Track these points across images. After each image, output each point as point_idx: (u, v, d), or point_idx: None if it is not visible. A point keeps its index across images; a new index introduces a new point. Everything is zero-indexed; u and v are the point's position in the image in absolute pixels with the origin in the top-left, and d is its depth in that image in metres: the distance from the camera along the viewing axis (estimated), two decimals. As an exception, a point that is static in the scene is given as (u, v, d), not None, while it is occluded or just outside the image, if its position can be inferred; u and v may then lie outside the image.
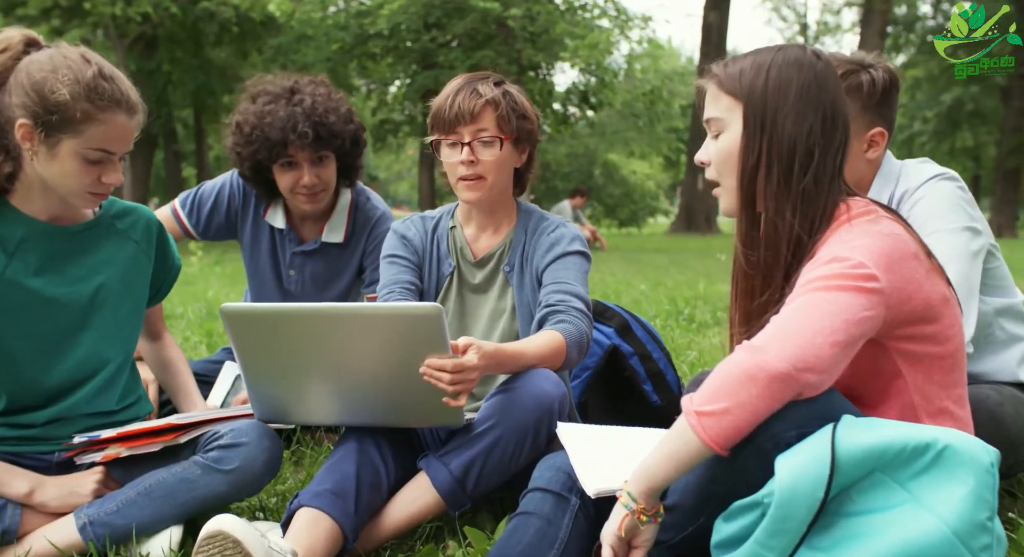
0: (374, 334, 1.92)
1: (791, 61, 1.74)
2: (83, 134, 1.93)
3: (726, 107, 1.78)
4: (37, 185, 2.01)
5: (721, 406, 1.50)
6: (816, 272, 1.60)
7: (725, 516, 1.60)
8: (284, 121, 2.71)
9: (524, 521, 1.82)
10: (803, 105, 1.71)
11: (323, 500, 1.96)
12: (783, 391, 1.49)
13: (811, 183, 1.71)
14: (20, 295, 2.03)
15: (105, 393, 2.16)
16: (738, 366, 1.51)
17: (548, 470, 1.91)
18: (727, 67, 1.81)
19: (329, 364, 1.99)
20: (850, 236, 1.65)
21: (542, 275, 2.37)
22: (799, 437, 1.52)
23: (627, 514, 1.61)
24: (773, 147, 1.72)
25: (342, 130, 2.78)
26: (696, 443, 1.53)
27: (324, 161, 2.81)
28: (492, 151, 2.30)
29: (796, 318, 1.54)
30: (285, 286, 3.03)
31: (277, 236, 3.01)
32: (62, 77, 1.92)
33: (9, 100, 1.94)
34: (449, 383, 1.90)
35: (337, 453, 2.09)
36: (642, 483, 1.61)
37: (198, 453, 2.05)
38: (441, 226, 2.52)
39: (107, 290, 2.14)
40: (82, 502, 2.03)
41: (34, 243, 2.05)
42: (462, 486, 2.07)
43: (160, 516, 2.00)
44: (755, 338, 1.55)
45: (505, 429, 2.06)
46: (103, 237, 2.16)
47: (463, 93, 2.30)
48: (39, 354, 2.07)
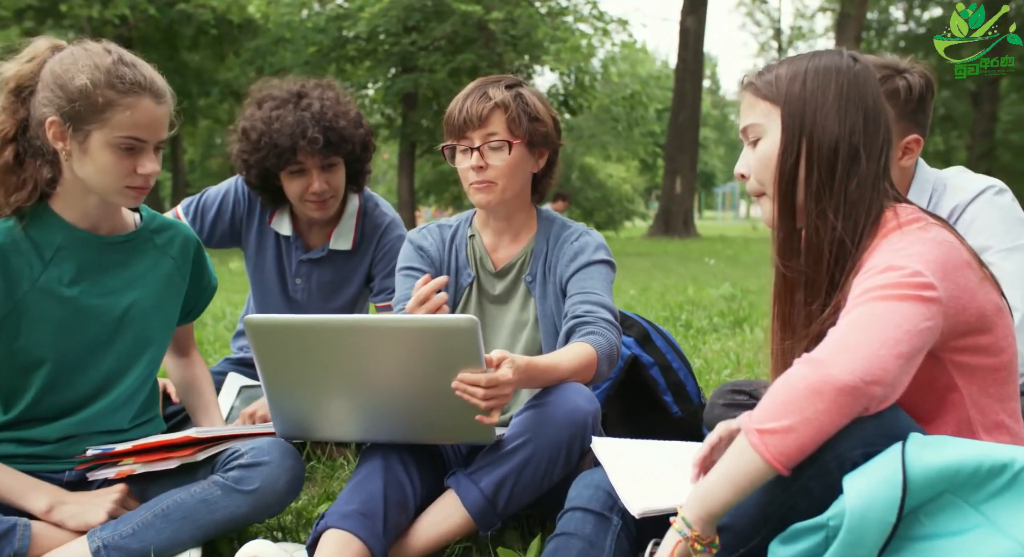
0: (405, 347, 1.85)
1: (828, 64, 1.71)
2: (109, 122, 1.89)
3: (763, 112, 1.74)
4: (76, 190, 1.97)
5: (785, 423, 1.42)
6: (872, 282, 1.54)
7: (782, 539, 1.53)
8: (293, 127, 2.63)
9: (566, 542, 1.76)
10: (844, 104, 1.67)
11: (352, 522, 1.89)
12: (850, 405, 1.42)
13: (855, 185, 1.66)
14: (52, 304, 1.97)
15: (120, 410, 2.09)
16: (802, 381, 1.43)
17: (587, 488, 1.84)
18: (763, 74, 1.78)
19: (357, 378, 1.91)
20: (902, 244, 1.59)
21: (567, 285, 2.30)
22: (865, 457, 1.45)
23: (680, 541, 1.53)
24: (814, 148, 1.67)
25: (352, 135, 2.71)
26: (758, 463, 1.45)
27: (334, 167, 2.73)
28: (502, 155, 2.23)
29: (857, 330, 1.47)
30: (291, 294, 2.95)
31: (283, 243, 2.93)
32: (81, 66, 1.89)
33: (37, 104, 1.92)
34: (482, 398, 1.83)
35: (361, 471, 2.01)
36: (698, 508, 1.52)
37: (217, 472, 1.97)
38: (459, 235, 2.45)
39: (139, 306, 2.07)
40: (96, 521, 1.94)
41: (71, 251, 2.00)
42: (493, 505, 2.00)
43: (178, 539, 1.91)
44: (815, 352, 1.48)
45: (538, 446, 1.99)
46: (141, 251, 2.10)
47: (472, 97, 2.25)
48: (63, 365, 2.00)
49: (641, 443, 2.05)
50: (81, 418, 2.03)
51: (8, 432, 2.01)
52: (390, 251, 2.91)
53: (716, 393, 2.55)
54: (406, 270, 2.40)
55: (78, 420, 2.03)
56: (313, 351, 1.88)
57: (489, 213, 2.37)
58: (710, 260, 13.44)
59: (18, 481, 1.95)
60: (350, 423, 2.03)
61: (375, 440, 2.06)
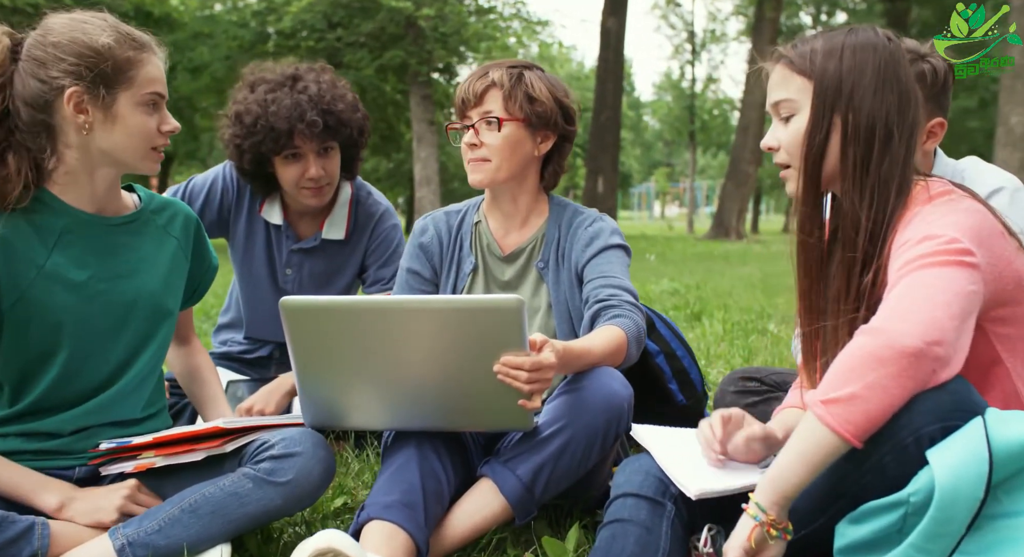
0: (447, 329, 1.79)
1: (866, 41, 1.71)
2: (136, 80, 1.85)
3: (798, 88, 1.74)
4: (84, 169, 1.88)
5: (848, 391, 1.41)
6: (912, 252, 1.55)
7: (853, 518, 1.52)
8: (290, 110, 2.55)
9: (622, 529, 1.72)
10: (881, 84, 1.68)
11: (396, 513, 1.83)
12: (915, 368, 1.41)
13: (888, 165, 1.68)
14: (61, 290, 1.87)
15: (131, 397, 2.00)
16: (861, 348, 1.43)
17: (636, 474, 1.81)
18: (797, 47, 1.77)
19: (395, 362, 1.85)
20: (935, 215, 1.61)
21: (583, 270, 2.28)
22: (944, 432, 1.44)
23: (756, 526, 1.51)
24: (850, 126, 1.68)
25: (350, 119, 2.64)
26: (827, 436, 1.43)
27: (330, 152, 2.66)
28: (496, 133, 2.21)
29: (907, 297, 1.48)
30: (280, 285, 2.86)
31: (273, 233, 2.84)
32: (93, 28, 1.82)
33: (40, 79, 1.80)
34: (526, 382, 1.79)
35: (396, 460, 1.96)
36: (772, 492, 1.50)
37: (245, 464, 1.89)
38: (466, 221, 2.40)
39: (148, 289, 1.99)
40: (108, 518, 1.85)
41: (76, 235, 1.91)
42: (531, 493, 1.96)
43: (208, 534, 1.83)
44: (871, 321, 1.48)
45: (575, 432, 1.96)
46: (144, 232, 2.01)
47: (473, 77, 2.26)
48: (75, 353, 1.91)
49: (678, 430, 2.03)
50: (92, 407, 1.94)
51: (14, 425, 1.91)
52: (384, 241, 2.85)
53: (726, 380, 2.56)
54: (407, 272, 2.38)
55: (89, 409, 1.94)
56: (351, 334, 1.83)
57: (494, 196, 2.34)
58: (651, 256, 13.58)
59: (27, 478, 1.85)
60: (384, 410, 1.97)
61: (408, 428, 2.00)
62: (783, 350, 4.39)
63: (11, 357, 1.87)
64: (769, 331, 5.13)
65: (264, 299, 2.88)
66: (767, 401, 2.45)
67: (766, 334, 5.03)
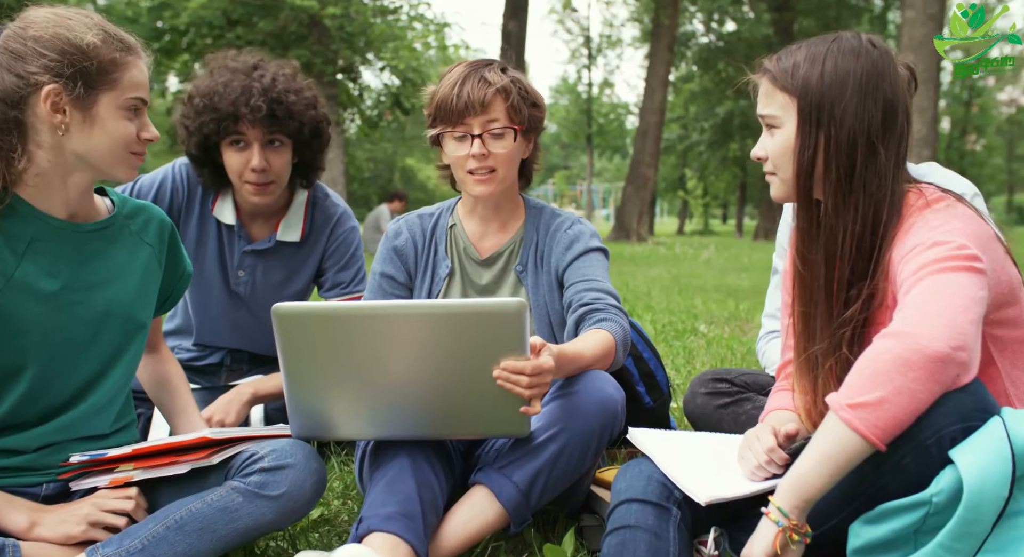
0: (447, 334, 1.75)
1: (846, 51, 1.72)
2: (119, 83, 1.76)
3: (780, 105, 1.76)
4: (57, 173, 1.77)
5: (876, 395, 1.42)
6: (924, 257, 1.57)
7: (868, 518, 1.53)
8: (237, 93, 2.46)
9: (631, 535, 1.70)
10: (862, 97, 1.69)
11: (396, 524, 1.78)
12: (942, 372, 1.42)
13: (873, 177, 1.70)
14: (31, 301, 1.75)
15: (102, 413, 1.89)
16: (887, 352, 1.43)
17: (638, 480, 1.79)
18: (780, 61, 1.79)
19: (390, 369, 1.80)
20: (938, 221, 1.64)
21: (563, 274, 2.26)
22: (964, 432, 1.46)
23: (779, 531, 1.51)
24: (832, 143, 1.70)
25: (301, 113, 2.54)
26: (853, 440, 1.43)
27: (277, 147, 2.55)
28: (503, 143, 2.17)
29: (929, 301, 1.49)
30: (232, 288, 2.75)
31: (225, 233, 2.72)
32: (78, 25, 1.72)
33: (16, 74, 1.69)
34: (526, 387, 1.76)
35: (388, 470, 1.90)
36: (793, 496, 1.50)
37: (233, 478, 1.81)
38: (440, 225, 2.36)
39: (120, 300, 1.88)
40: (75, 530, 1.73)
41: (46, 243, 1.79)
42: (527, 499, 1.93)
43: (195, 552, 1.74)
44: (891, 326, 1.49)
45: (571, 437, 1.94)
46: (117, 239, 1.90)
47: (471, 82, 2.15)
48: (44, 368, 1.79)
49: (671, 434, 2.03)
50: (61, 424, 1.83)
51: None
52: (343, 243, 2.77)
53: (696, 382, 2.57)
54: (381, 276, 2.32)
55: (57, 426, 1.82)
56: (345, 341, 1.76)
57: (478, 201, 2.29)
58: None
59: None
60: (375, 419, 1.90)
61: (399, 437, 1.94)
62: (721, 351, 4.46)
63: None
64: (700, 332, 5.21)
65: (215, 303, 2.76)
66: (738, 402, 2.47)
67: (697, 335, 5.10)
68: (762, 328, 2.68)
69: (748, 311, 6.43)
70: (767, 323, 2.65)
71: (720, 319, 5.84)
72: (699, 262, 14.02)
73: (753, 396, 2.48)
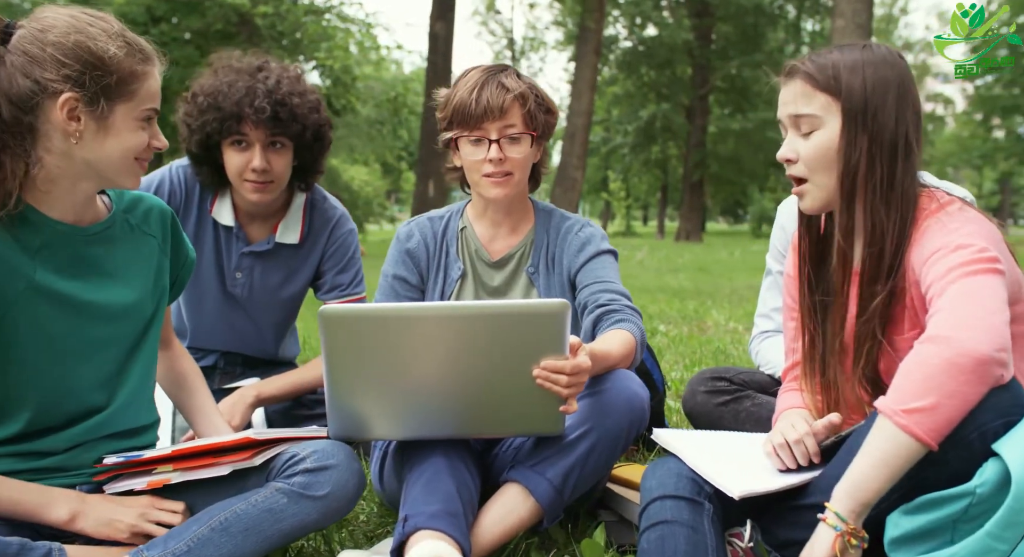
0: (490, 334, 1.78)
1: (880, 59, 1.80)
2: (137, 95, 1.73)
3: (821, 105, 1.80)
4: (66, 180, 1.74)
5: (931, 401, 1.49)
6: (950, 260, 1.64)
7: (907, 510, 1.59)
8: (242, 93, 2.46)
9: (670, 530, 1.74)
10: (900, 102, 1.77)
11: (443, 522, 1.81)
12: (988, 374, 1.50)
13: (909, 178, 1.78)
14: (49, 305, 1.74)
15: (127, 411, 1.88)
16: (936, 357, 1.50)
17: (669, 477, 1.83)
18: (815, 62, 1.83)
19: (432, 369, 1.82)
20: (955, 224, 1.72)
21: (576, 275, 2.30)
22: (1006, 426, 1.54)
23: (838, 536, 1.56)
24: (875, 146, 1.76)
25: (304, 116, 2.54)
26: (910, 444, 1.51)
27: (279, 148, 2.54)
28: (520, 148, 2.21)
29: (966, 305, 1.56)
30: (229, 290, 2.72)
31: (223, 234, 2.70)
32: (100, 34, 1.69)
33: (33, 79, 1.65)
34: (565, 386, 1.80)
35: (425, 469, 1.92)
36: (851, 500, 1.56)
37: (275, 479, 1.81)
38: (450, 227, 2.38)
39: (132, 296, 1.87)
40: (120, 535, 1.73)
41: (55, 249, 1.76)
42: (561, 496, 1.97)
43: (240, 553, 1.74)
44: (932, 329, 1.55)
45: (601, 434, 1.99)
46: (121, 236, 1.88)
47: (489, 87, 2.19)
48: (65, 371, 1.77)
49: (695, 433, 2.09)
50: (88, 426, 1.82)
51: (7, 446, 1.76)
52: (342, 246, 2.77)
53: (695, 380, 2.64)
54: (393, 278, 2.34)
55: (86, 428, 1.81)
56: (390, 342, 1.78)
57: (490, 204, 2.33)
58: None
59: (31, 493, 1.72)
60: (413, 419, 1.92)
61: (432, 436, 1.96)
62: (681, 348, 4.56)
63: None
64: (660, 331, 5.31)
65: (210, 305, 2.73)
66: (737, 399, 2.55)
67: (659, 335, 5.20)
68: (755, 328, 2.76)
69: (697, 310, 6.58)
70: (760, 323, 2.74)
71: (676, 319, 5.96)
72: (633, 263, 14.21)
73: (752, 393, 2.56)
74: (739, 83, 32.21)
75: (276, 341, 2.89)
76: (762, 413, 2.49)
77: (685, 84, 32.85)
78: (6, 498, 1.70)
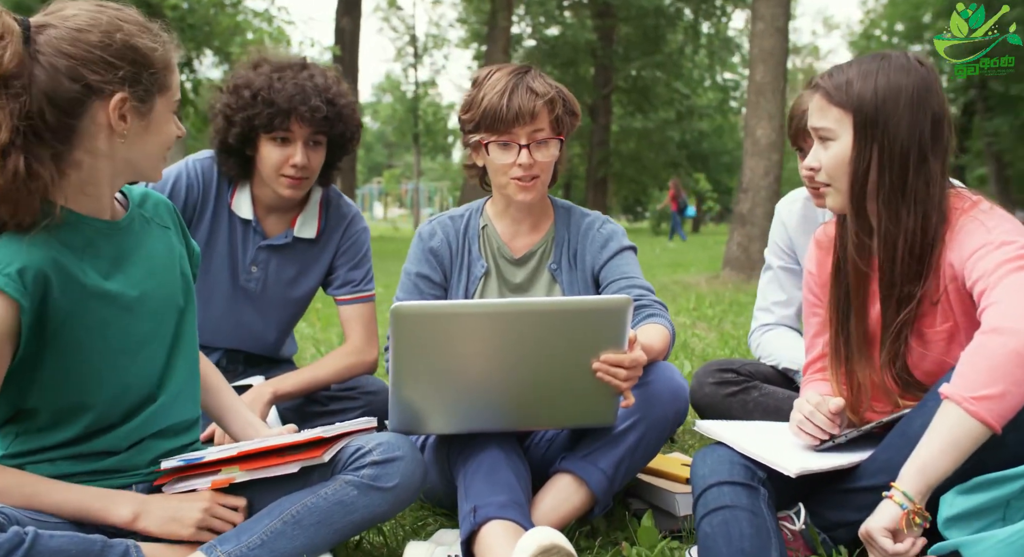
0: (555, 330, 1.82)
1: (896, 68, 1.87)
2: (171, 87, 1.73)
3: (835, 119, 1.89)
4: (102, 178, 1.71)
5: (1000, 389, 1.58)
6: (999, 255, 1.74)
7: (963, 490, 1.68)
8: (295, 90, 2.47)
9: (732, 514, 1.79)
10: (914, 110, 1.85)
11: (513, 512, 1.86)
12: None
13: (923, 184, 1.86)
14: (102, 306, 1.72)
15: (178, 402, 1.88)
16: (1003, 348, 1.60)
17: (721, 464, 1.89)
18: (833, 77, 1.92)
19: (495, 364, 1.86)
20: (993, 222, 1.82)
21: (600, 272, 2.36)
22: None
23: (904, 514, 1.64)
24: (885, 154, 1.85)
25: (349, 117, 2.59)
26: (978, 428, 1.60)
27: (318, 146, 2.58)
28: (548, 152, 2.25)
29: (1020, 296, 1.66)
30: (242, 284, 2.70)
31: (239, 228, 2.68)
32: (135, 31, 1.67)
33: (77, 80, 1.60)
34: (624, 379, 1.86)
35: (483, 461, 1.96)
36: (919, 482, 1.64)
37: (342, 472, 1.83)
38: (472, 226, 2.42)
39: (166, 288, 1.86)
40: (184, 532, 1.73)
41: (97, 247, 1.74)
42: (612, 485, 2.04)
43: (313, 545, 1.77)
44: (992, 320, 1.65)
45: (649, 425, 2.05)
46: (144, 230, 1.87)
47: (519, 92, 2.21)
48: (122, 369, 1.76)
49: (735, 424, 2.16)
50: (143, 420, 1.81)
51: (64, 450, 1.74)
52: (356, 243, 2.78)
53: (702, 372, 2.73)
54: (416, 276, 2.36)
55: (141, 422, 1.80)
56: (458, 338, 1.82)
57: (512, 203, 2.36)
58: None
59: (92, 495, 1.72)
60: (470, 413, 1.96)
61: (484, 429, 2.00)
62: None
63: (56, 383, 1.69)
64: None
65: (220, 300, 2.70)
66: (745, 390, 2.64)
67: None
68: (755, 321, 2.87)
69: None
70: (760, 316, 2.84)
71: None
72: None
73: (759, 384, 2.66)
74: (640, 84, 32.74)
75: (280, 339, 2.87)
76: (769, 403, 2.59)
77: (588, 84, 33.24)
78: (74, 500, 1.69)
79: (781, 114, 9.63)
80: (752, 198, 9.63)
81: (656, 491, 2.25)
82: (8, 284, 1.56)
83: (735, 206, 10.15)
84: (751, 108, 9.72)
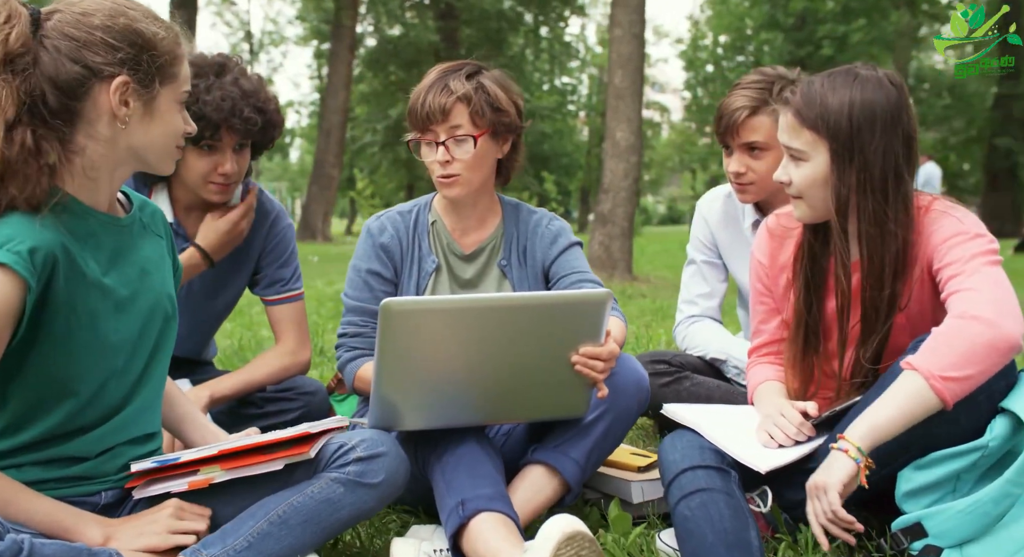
0: (540, 323, 1.86)
1: (869, 91, 1.91)
2: (178, 77, 1.71)
3: (808, 142, 1.94)
4: (107, 166, 1.67)
5: (967, 373, 1.72)
6: (972, 247, 1.86)
7: (919, 465, 1.82)
8: (223, 100, 2.34)
9: (710, 497, 1.85)
10: (889, 135, 1.91)
11: (500, 503, 1.88)
12: (1012, 355, 1.76)
13: (902, 203, 1.95)
14: (101, 299, 1.67)
15: (148, 412, 1.82)
16: (981, 336, 1.72)
17: (691, 449, 1.95)
18: (803, 97, 1.95)
19: (477, 358, 1.88)
20: (960, 213, 1.94)
21: (550, 267, 2.39)
22: (1007, 387, 1.81)
23: (857, 466, 1.74)
24: (864, 178, 1.91)
25: (278, 121, 2.49)
26: (935, 404, 1.72)
27: (244, 148, 2.47)
28: (467, 149, 2.25)
29: (999, 292, 1.79)
30: None
31: None
32: (140, 17, 1.65)
33: (81, 63, 1.58)
34: (600, 372, 1.91)
35: (463, 455, 1.97)
36: (870, 438, 1.74)
37: (326, 469, 1.80)
38: (420, 221, 2.41)
39: (156, 294, 1.81)
40: (157, 540, 1.67)
41: (97, 239, 1.70)
42: (584, 474, 2.08)
43: (301, 545, 1.74)
44: (970, 307, 1.76)
45: (615, 416, 2.10)
46: (141, 233, 1.83)
47: (434, 90, 2.23)
48: (106, 367, 1.70)
49: (703, 407, 2.23)
50: (115, 425, 1.74)
51: (32, 454, 1.65)
52: (282, 241, 2.70)
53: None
54: (368, 273, 2.34)
55: (113, 427, 1.73)
56: (444, 334, 1.82)
57: (455, 199, 2.36)
58: (314, 258, 13.35)
59: (63, 511, 1.64)
60: (447, 408, 1.96)
61: (461, 424, 2.00)
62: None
63: (39, 373, 1.61)
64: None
65: (143, 304, 2.57)
66: (678, 380, 2.72)
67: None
68: (680, 313, 2.96)
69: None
70: (685, 308, 2.94)
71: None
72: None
73: (689, 374, 2.75)
74: (484, 86, 33.04)
75: (205, 341, 2.77)
76: (700, 392, 2.68)
77: (432, 85, 33.23)
78: (44, 512, 1.61)
79: (639, 117, 9.96)
80: (613, 198, 9.89)
81: (610, 480, 2.30)
82: (18, 262, 1.50)
83: (596, 207, 10.40)
84: (611, 112, 9.98)
